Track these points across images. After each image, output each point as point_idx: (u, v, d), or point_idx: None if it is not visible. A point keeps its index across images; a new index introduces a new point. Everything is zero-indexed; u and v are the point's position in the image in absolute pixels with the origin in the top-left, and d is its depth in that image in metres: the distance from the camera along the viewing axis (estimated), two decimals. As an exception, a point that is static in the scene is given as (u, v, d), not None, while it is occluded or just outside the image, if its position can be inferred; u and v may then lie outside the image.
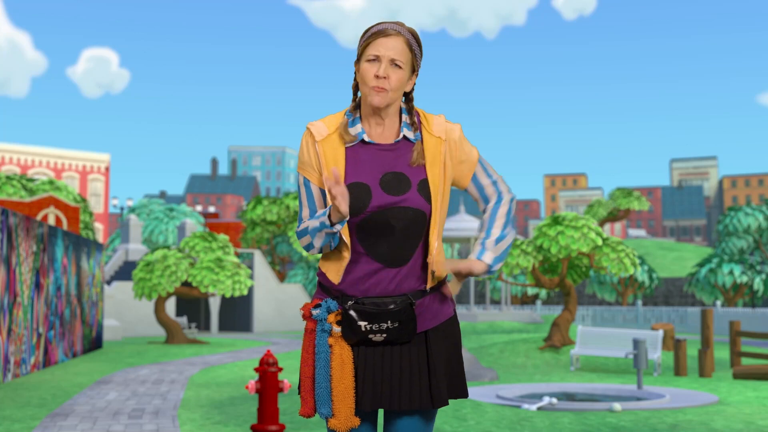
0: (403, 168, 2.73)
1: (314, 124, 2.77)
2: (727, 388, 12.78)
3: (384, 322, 2.67)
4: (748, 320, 33.24)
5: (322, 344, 2.68)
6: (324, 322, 2.69)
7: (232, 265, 24.33)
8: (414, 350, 2.74)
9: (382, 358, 2.72)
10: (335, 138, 2.74)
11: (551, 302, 56.13)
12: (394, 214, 2.69)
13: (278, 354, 20.69)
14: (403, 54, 2.69)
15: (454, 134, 2.80)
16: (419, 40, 2.76)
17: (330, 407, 2.66)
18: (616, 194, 49.44)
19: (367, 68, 2.68)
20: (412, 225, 2.71)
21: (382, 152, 2.74)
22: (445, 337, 2.79)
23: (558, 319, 18.60)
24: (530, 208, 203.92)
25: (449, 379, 2.79)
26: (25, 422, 8.85)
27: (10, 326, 13.39)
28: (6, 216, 13.16)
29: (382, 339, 2.69)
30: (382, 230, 2.69)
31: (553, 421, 9.06)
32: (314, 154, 2.74)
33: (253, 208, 42.00)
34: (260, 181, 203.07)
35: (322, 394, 2.66)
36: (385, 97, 2.68)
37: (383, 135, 2.76)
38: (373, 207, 2.68)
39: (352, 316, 2.66)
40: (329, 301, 2.71)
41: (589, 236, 17.95)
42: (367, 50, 2.69)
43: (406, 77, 2.71)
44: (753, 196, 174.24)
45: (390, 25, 2.70)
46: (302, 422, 8.79)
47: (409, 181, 2.71)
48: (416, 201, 2.70)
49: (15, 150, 76.01)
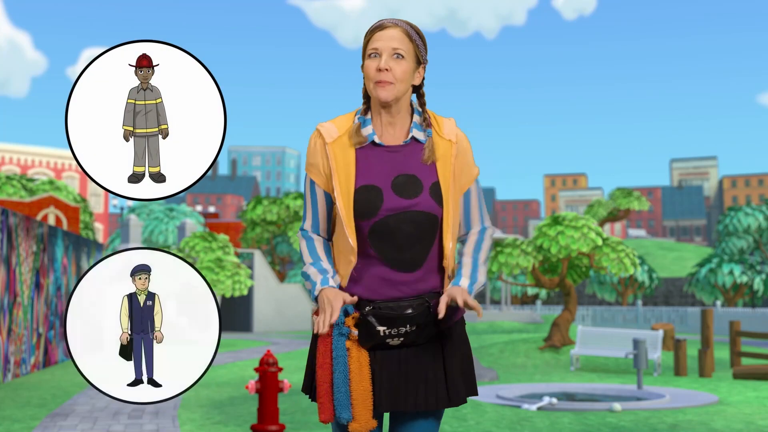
0: (415, 169, 2.69)
1: (324, 126, 2.72)
2: (727, 388, 12.78)
3: (403, 326, 2.63)
4: (748, 320, 33.24)
5: (340, 348, 2.63)
6: (341, 325, 2.64)
7: (232, 265, 24.34)
8: (429, 351, 2.72)
9: (398, 359, 2.69)
10: (345, 140, 2.69)
11: (551, 302, 56.12)
12: (406, 218, 2.65)
13: (278, 354, 20.69)
14: (402, 42, 2.64)
15: (464, 142, 2.76)
16: (420, 32, 2.71)
17: (350, 411, 2.61)
18: (616, 194, 49.43)
19: (369, 64, 2.65)
20: (425, 228, 2.67)
21: (391, 154, 2.69)
22: (457, 337, 2.78)
23: (558, 319, 18.59)
24: (530, 208, 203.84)
25: (464, 379, 2.77)
26: (25, 422, 8.85)
27: (10, 326, 13.39)
28: (6, 216, 13.16)
29: (399, 342, 2.66)
30: (394, 234, 2.66)
31: (553, 421, 9.06)
32: (323, 157, 2.70)
33: (253, 208, 42.00)
34: (260, 181, 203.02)
35: (341, 398, 2.61)
36: (392, 90, 2.63)
37: (394, 136, 2.72)
38: (385, 210, 2.64)
39: (370, 322, 2.62)
40: (346, 305, 2.67)
41: (589, 236, 17.95)
42: (368, 47, 2.67)
43: (410, 68, 2.66)
44: (753, 196, 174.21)
45: (387, 20, 2.68)
46: (302, 422, 8.79)
47: (421, 183, 2.67)
48: (428, 204, 2.66)
49: (15, 150, 76.01)
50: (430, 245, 2.70)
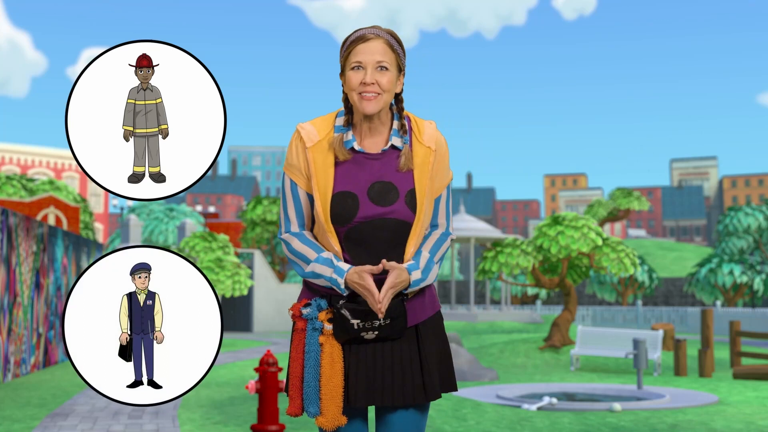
0: (391, 176, 2.71)
1: (304, 127, 2.73)
2: (727, 388, 12.78)
3: (376, 319, 2.66)
4: (748, 320, 33.24)
5: (313, 343, 2.68)
6: (315, 320, 2.68)
7: (232, 265, 24.33)
8: (405, 346, 2.75)
9: (374, 354, 2.72)
10: (325, 145, 2.71)
11: (551, 302, 56.12)
12: (379, 225, 2.67)
13: (278, 354, 20.69)
14: (386, 54, 2.66)
15: (443, 147, 2.78)
16: (400, 41, 2.74)
17: (318, 406, 2.66)
18: (616, 194, 49.41)
19: (353, 76, 2.66)
20: (398, 235, 2.70)
21: (370, 161, 2.71)
22: (434, 332, 2.80)
23: (558, 319, 18.59)
24: (530, 208, 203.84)
25: (440, 373, 2.80)
26: (25, 422, 8.85)
27: (10, 326, 13.39)
28: (6, 216, 13.16)
29: (374, 336, 2.69)
30: (367, 240, 2.68)
31: (553, 421, 9.06)
32: (303, 160, 2.72)
33: (253, 208, 42.00)
34: (260, 181, 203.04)
35: (310, 392, 2.66)
36: (378, 103, 2.66)
37: (374, 143, 2.74)
38: (360, 218, 2.67)
39: (344, 315, 2.66)
40: (319, 300, 2.71)
41: (589, 236, 17.95)
42: (350, 59, 2.67)
43: (394, 78, 2.69)
44: (753, 196, 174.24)
45: (367, 30, 2.68)
46: (302, 422, 8.79)
47: (398, 190, 2.69)
48: (403, 212, 2.69)
49: (15, 150, 76.01)
50: (403, 251, 2.73)
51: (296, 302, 2.77)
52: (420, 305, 2.78)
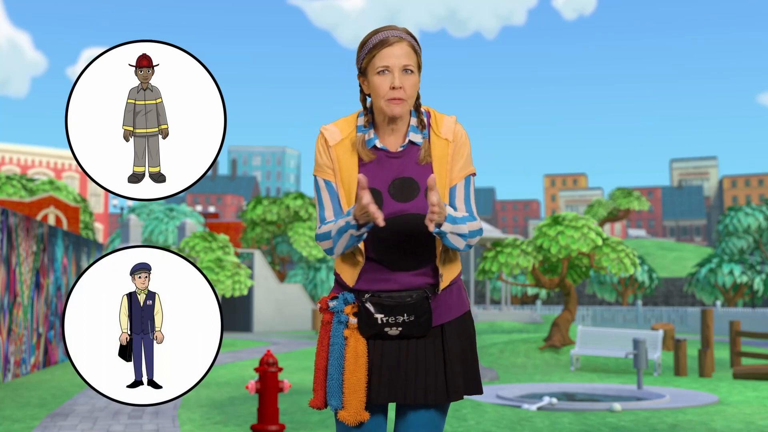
0: (411, 171, 2.72)
1: (327, 129, 2.77)
2: (727, 388, 12.78)
3: (400, 315, 2.67)
4: (748, 320, 33.24)
5: (338, 335, 2.69)
6: (340, 313, 2.70)
7: (232, 265, 24.33)
8: (429, 344, 2.75)
9: (398, 351, 2.72)
10: (348, 144, 2.74)
11: (551, 302, 56.11)
12: (404, 221, 2.68)
13: (278, 354, 20.69)
14: (410, 57, 2.68)
15: (462, 138, 2.78)
16: (418, 41, 2.77)
17: (340, 399, 2.66)
18: (616, 194, 49.42)
19: (379, 81, 2.67)
20: (423, 231, 2.71)
21: (390, 159, 2.73)
22: (459, 332, 2.79)
23: (558, 319, 18.59)
24: (530, 208, 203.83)
25: (464, 374, 2.79)
26: (25, 422, 8.85)
27: (10, 326, 13.39)
28: (6, 216, 13.16)
29: (398, 333, 2.69)
30: (393, 238, 2.69)
31: (553, 421, 9.05)
32: (329, 158, 2.75)
33: (253, 208, 41.98)
34: (260, 181, 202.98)
35: (333, 385, 2.67)
36: (405, 106, 2.68)
37: (395, 140, 2.76)
38: (384, 214, 2.68)
39: (368, 309, 2.67)
40: (346, 294, 2.73)
41: (589, 236, 17.94)
42: (375, 62, 2.68)
43: (418, 80, 2.71)
44: (753, 196, 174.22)
45: (390, 33, 2.68)
46: (302, 422, 8.79)
47: (418, 186, 2.71)
48: (424, 206, 2.69)
49: (15, 150, 76.00)
50: (426, 246, 2.74)
51: (324, 296, 2.79)
52: (446, 305, 2.78)
